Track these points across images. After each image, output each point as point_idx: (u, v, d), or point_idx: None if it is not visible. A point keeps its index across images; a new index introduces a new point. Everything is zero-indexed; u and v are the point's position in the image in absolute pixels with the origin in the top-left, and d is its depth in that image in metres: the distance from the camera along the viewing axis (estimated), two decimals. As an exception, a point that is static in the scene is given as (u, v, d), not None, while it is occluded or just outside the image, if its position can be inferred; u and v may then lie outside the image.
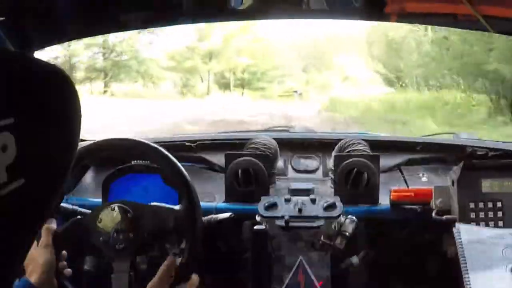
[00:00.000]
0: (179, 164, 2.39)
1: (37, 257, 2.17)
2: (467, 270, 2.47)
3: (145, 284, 2.20)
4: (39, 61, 1.09)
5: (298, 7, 2.75)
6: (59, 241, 2.30)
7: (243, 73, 38.29)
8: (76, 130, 1.13)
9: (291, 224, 2.76)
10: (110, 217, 2.32)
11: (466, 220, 2.64)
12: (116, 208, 2.33)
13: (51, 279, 2.19)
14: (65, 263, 2.36)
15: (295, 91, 36.73)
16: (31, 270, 2.14)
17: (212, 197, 3.16)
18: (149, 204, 2.41)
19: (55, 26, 2.65)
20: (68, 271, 2.36)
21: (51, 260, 2.19)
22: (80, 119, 1.14)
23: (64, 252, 2.36)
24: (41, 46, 2.75)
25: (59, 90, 1.09)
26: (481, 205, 2.68)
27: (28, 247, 1.11)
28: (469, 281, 2.43)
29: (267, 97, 35.71)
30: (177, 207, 2.37)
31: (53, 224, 2.31)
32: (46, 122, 1.04)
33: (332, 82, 39.40)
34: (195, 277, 2.26)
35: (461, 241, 2.54)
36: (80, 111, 1.13)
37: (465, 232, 2.56)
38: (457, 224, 2.61)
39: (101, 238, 2.33)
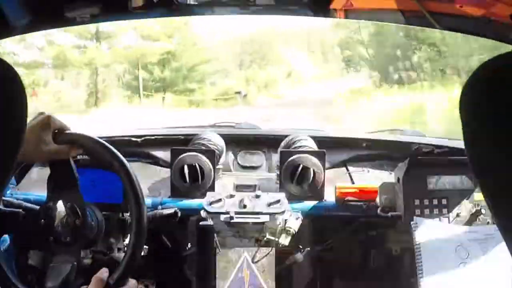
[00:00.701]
0: (122, 156, 2.36)
1: None
2: (421, 263, 2.49)
3: (88, 279, 2.17)
4: None
5: (244, 2, 2.74)
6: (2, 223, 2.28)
7: (162, 72, 31.97)
8: (22, 121, 1.11)
9: (235, 219, 2.75)
10: (59, 210, 2.29)
11: (411, 216, 2.66)
12: (61, 202, 2.29)
13: None
14: None
15: (238, 92, 32.05)
16: None
17: (158, 192, 3.14)
18: (96, 202, 2.38)
19: (2, 21, 2.60)
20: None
21: None
22: (26, 114, 1.11)
23: (5, 236, 2.34)
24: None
25: (5, 85, 1.07)
26: (426, 202, 2.71)
27: None
28: (422, 273, 2.46)
29: (199, 104, 31.12)
30: (121, 203, 2.34)
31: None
32: None
33: (277, 78, 37.79)
34: (132, 282, 2.24)
35: (416, 234, 2.56)
36: (26, 106, 1.11)
37: (422, 226, 2.59)
38: (414, 218, 2.62)
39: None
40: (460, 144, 1.15)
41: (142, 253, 2.36)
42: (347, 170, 3.45)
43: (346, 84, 35.16)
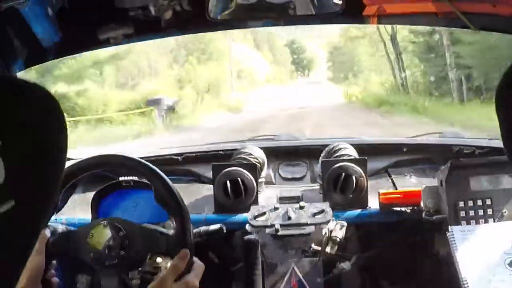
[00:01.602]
0: (167, 178, 2.37)
1: (28, 262, 2.15)
2: (465, 278, 2.47)
3: None
4: (20, 81, 1.08)
5: (283, 13, 2.75)
6: (51, 249, 2.29)
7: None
8: (62, 147, 1.12)
9: (281, 232, 2.75)
10: (101, 234, 2.30)
11: (456, 219, 2.64)
12: (108, 224, 2.31)
13: (37, 286, 2.17)
14: (54, 272, 2.35)
15: (155, 103, 23.27)
16: None
17: (201, 209, 3.14)
18: (141, 224, 2.39)
19: (37, 47, 2.64)
20: (56, 280, 2.35)
21: (40, 266, 2.18)
22: (66, 136, 1.13)
23: (54, 262, 2.35)
24: (23, 66, 2.74)
25: (42, 108, 1.08)
26: (470, 203, 2.68)
27: (21, 269, 1.11)
28: (466, 282, 2.44)
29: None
30: (170, 232, 2.35)
31: (47, 232, 2.30)
32: (32, 142, 1.04)
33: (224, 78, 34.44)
34: (198, 263, 2.24)
35: (455, 244, 2.54)
36: (65, 128, 1.13)
37: (459, 233, 2.57)
38: (449, 227, 2.61)
39: (91, 254, 2.31)
40: (501, 144, 1.14)
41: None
42: (389, 176, 3.44)
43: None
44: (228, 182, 3.06)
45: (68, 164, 2.33)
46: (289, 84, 46.00)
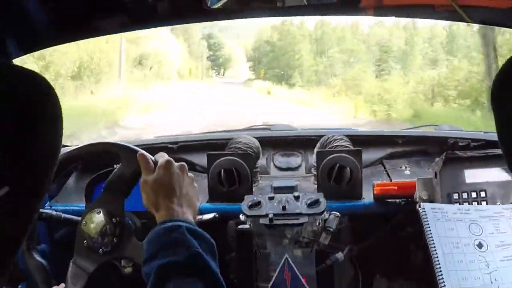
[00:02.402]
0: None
1: None
2: (435, 248, 2.48)
3: (130, 286, 2.19)
4: (19, 68, 1.08)
5: (273, 5, 2.75)
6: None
7: None
8: (58, 136, 1.12)
9: (275, 222, 2.76)
10: (95, 221, 2.30)
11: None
12: (102, 211, 2.31)
13: None
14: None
15: None
16: None
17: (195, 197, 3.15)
18: (133, 212, 2.40)
19: (32, 33, 2.63)
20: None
21: None
22: (62, 125, 1.13)
23: None
24: (19, 53, 2.74)
25: (39, 96, 1.09)
26: (465, 195, 2.69)
27: (14, 253, 1.11)
28: (437, 259, 2.45)
29: None
30: None
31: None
32: (28, 129, 1.04)
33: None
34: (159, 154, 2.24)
35: (427, 220, 2.55)
36: (61, 117, 1.13)
37: (430, 210, 2.57)
38: (421, 203, 2.61)
39: (85, 242, 2.31)
40: (496, 137, 1.15)
41: None
42: (384, 167, 3.45)
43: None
44: (222, 171, 3.07)
45: (63, 151, 2.33)
46: (203, 82, 45.12)
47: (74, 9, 2.62)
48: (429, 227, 2.53)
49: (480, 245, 2.48)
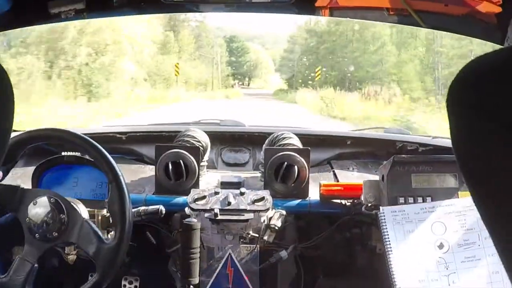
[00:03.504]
0: (106, 153, 2.36)
1: None
2: (391, 251, 2.49)
3: (72, 274, 2.17)
4: None
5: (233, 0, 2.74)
6: None
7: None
8: (8, 118, 1.10)
9: (220, 217, 2.76)
10: (44, 207, 2.28)
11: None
12: (53, 200, 2.29)
13: None
14: None
15: None
16: None
17: (142, 189, 3.14)
18: (85, 219, 2.37)
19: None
20: None
21: None
22: (13, 107, 1.11)
23: None
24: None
25: None
26: (411, 200, 2.70)
27: None
28: (391, 263, 2.47)
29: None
30: (106, 242, 2.33)
31: None
32: None
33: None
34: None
35: (385, 224, 2.56)
36: (12, 98, 1.11)
37: (390, 214, 2.59)
38: (381, 208, 2.63)
39: (27, 220, 2.29)
40: (444, 143, 1.16)
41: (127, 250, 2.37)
42: (332, 167, 3.46)
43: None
44: (170, 163, 3.04)
45: (12, 135, 2.30)
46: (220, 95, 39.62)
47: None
48: (387, 231, 2.54)
49: (441, 246, 2.50)
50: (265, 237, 2.81)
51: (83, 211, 2.48)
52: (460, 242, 2.50)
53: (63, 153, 2.90)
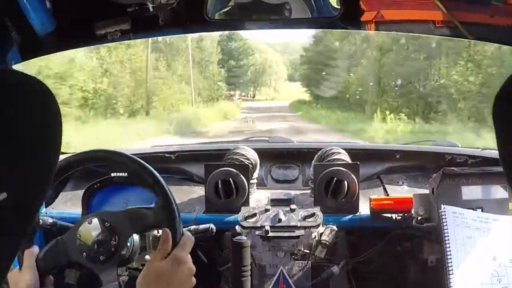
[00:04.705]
0: (156, 173, 2.37)
1: (20, 280, 2.13)
2: (450, 255, 2.48)
3: None
4: (19, 74, 1.08)
5: (279, 15, 2.75)
6: (42, 265, 2.28)
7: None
8: (57, 142, 1.12)
9: (271, 234, 2.76)
10: (89, 231, 2.29)
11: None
12: (93, 220, 2.31)
13: None
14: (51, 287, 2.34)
15: None
16: None
17: (192, 208, 3.15)
18: (125, 208, 2.38)
19: (34, 40, 2.63)
20: None
21: (34, 283, 2.16)
22: (61, 132, 1.13)
23: (50, 276, 2.34)
24: (19, 59, 2.73)
25: (39, 102, 1.09)
26: (462, 212, 2.68)
27: (11, 260, 1.11)
28: (451, 267, 2.44)
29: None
30: (152, 205, 2.34)
31: (35, 248, 2.29)
32: (27, 135, 1.04)
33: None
34: (187, 235, 2.22)
35: (446, 224, 2.54)
36: (60, 123, 1.13)
37: (451, 214, 2.57)
38: (442, 206, 2.61)
39: (84, 254, 2.30)
40: (493, 154, 1.16)
41: None
42: (381, 182, 3.45)
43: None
44: (219, 182, 3.06)
45: (60, 158, 2.33)
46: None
47: (74, 15, 2.63)
48: (447, 232, 2.53)
49: (495, 258, 2.48)
50: (317, 253, 2.80)
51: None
52: (510, 257, 2.48)
53: (112, 174, 2.92)
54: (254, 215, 2.84)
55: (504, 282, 2.43)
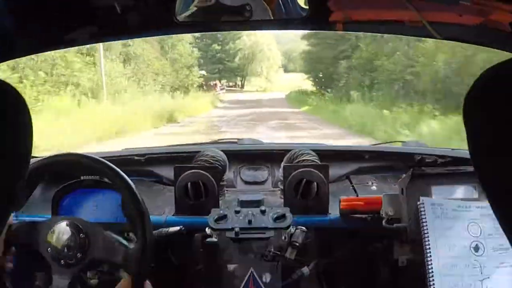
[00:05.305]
0: (124, 175, 2.36)
1: None
2: (429, 249, 2.48)
3: None
4: None
5: (241, 18, 2.75)
6: (12, 235, 2.27)
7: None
8: (27, 145, 1.11)
9: (241, 235, 2.76)
10: (62, 232, 2.28)
11: (416, 227, 2.64)
12: (70, 224, 2.29)
13: None
14: (10, 257, 2.34)
15: None
16: None
17: (162, 210, 3.14)
18: (104, 231, 2.37)
19: (1, 43, 2.61)
20: (10, 265, 2.34)
21: None
22: (32, 134, 1.12)
23: (12, 248, 2.33)
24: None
25: (9, 105, 1.07)
26: (431, 213, 2.69)
27: None
28: (431, 263, 2.45)
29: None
30: (130, 246, 2.33)
31: (11, 218, 2.29)
32: None
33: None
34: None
35: (425, 217, 2.55)
36: (31, 125, 1.12)
37: (429, 206, 2.57)
38: (421, 198, 2.61)
39: (48, 249, 2.29)
40: (463, 154, 1.16)
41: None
42: (351, 182, 3.46)
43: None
44: (189, 184, 3.06)
45: (31, 161, 2.31)
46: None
47: (41, 18, 2.60)
48: (427, 225, 2.53)
49: (476, 248, 2.48)
50: (287, 254, 2.80)
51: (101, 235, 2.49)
52: (495, 246, 2.48)
53: (82, 177, 2.91)
54: (224, 216, 2.83)
55: (486, 272, 2.43)
